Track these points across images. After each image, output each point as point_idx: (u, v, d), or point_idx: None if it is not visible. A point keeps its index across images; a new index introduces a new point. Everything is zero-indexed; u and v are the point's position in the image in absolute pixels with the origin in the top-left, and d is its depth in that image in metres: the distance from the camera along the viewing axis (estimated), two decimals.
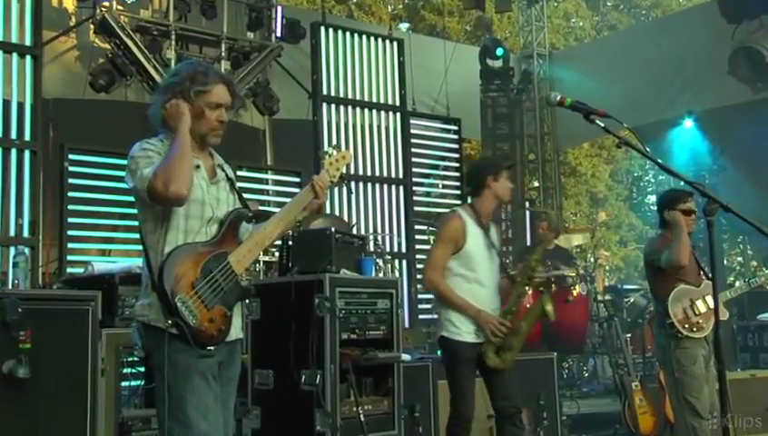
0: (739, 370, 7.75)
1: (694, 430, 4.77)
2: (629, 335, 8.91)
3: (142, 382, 4.84)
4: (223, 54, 10.04)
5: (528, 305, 4.97)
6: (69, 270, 7.55)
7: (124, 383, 4.74)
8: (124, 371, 4.58)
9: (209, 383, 2.94)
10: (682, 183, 3.62)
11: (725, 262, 19.15)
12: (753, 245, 19.91)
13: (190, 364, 2.90)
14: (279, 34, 10.44)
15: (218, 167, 3.19)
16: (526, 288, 4.69)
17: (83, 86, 9.31)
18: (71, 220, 7.99)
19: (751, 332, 8.43)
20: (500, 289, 4.72)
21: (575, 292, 8.82)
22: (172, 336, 2.87)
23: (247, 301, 3.89)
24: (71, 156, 7.98)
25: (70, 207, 7.97)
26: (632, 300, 9.61)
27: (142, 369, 4.78)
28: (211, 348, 2.94)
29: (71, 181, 7.96)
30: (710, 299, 5.09)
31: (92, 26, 9.49)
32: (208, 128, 3.10)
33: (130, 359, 4.65)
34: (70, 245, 7.94)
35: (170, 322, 2.85)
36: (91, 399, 3.91)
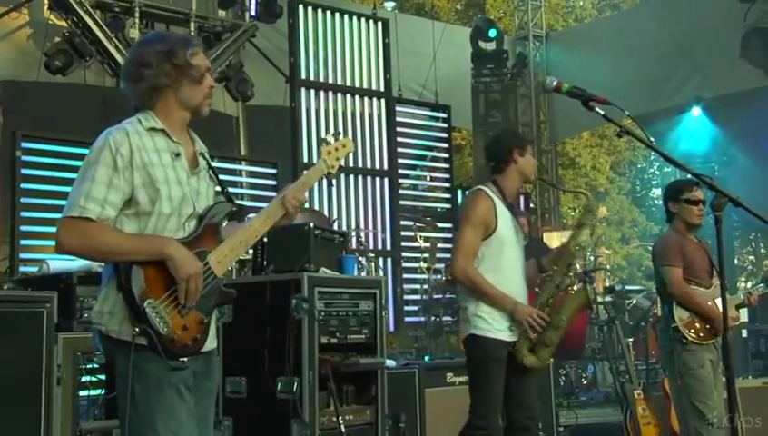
0: (750, 377, 7.80)
1: None
2: (631, 340, 8.97)
3: (103, 392, 4.81)
4: (192, 33, 9.96)
5: (564, 295, 4.75)
6: (22, 269, 7.49)
7: (83, 393, 4.71)
8: (83, 379, 4.55)
9: (182, 397, 2.82)
10: (689, 175, 3.64)
11: (736, 261, 19.32)
12: (766, 243, 20.08)
13: (161, 375, 2.78)
14: (253, 13, 10.40)
15: (199, 155, 3.08)
16: (565, 277, 4.52)
17: (38, 68, 9.22)
18: (24, 214, 7.91)
19: (763, 337, 8.50)
20: (528, 278, 4.60)
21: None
22: (139, 346, 2.74)
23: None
24: (24, 144, 7.89)
25: (23, 200, 7.89)
26: (634, 301, 9.66)
27: (103, 377, 4.76)
28: (185, 359, 2.81)
29: (24, 171, 7.88)
30: (720, 301, 5.14)
31: (46, 1, 9.39)
32: (203, 95, 3.01)
33: (89, 366, 4.62)
34: (23, 242, 7.87)
35: (137, 330, 2.72)
36: (45, 410, 3.88)
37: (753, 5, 10.59)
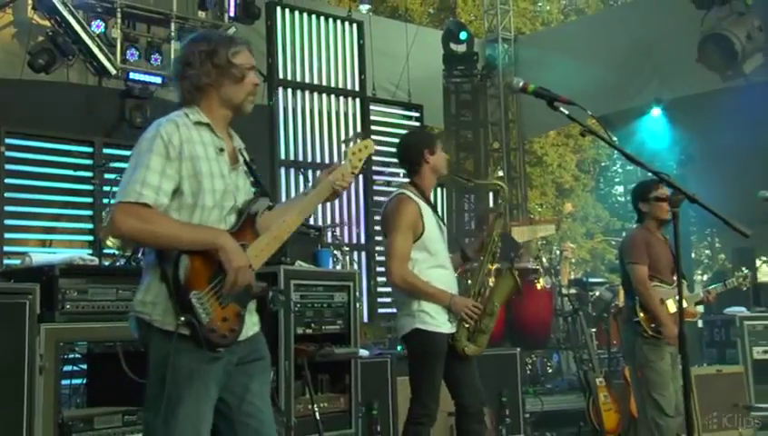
0: (705, 365, 7.88)
1: (659, 427, 4.85)
2: (594, 330, 9.03)
3: (84, 381, 4.78)
4: (173, 33, 9.89)
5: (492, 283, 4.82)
6: (6, 261, 7.41)
7: (65, 381, 4.67)
8: (65, 368, 4.51)
9: (209, 391, 2.81)
10: (649, 173, 3.65)
11: (693, 255, 19.48)
12: (721, 239, 20.29)
13: (193, 368, 2.76)
14: (232, 14, 10.32)
15: (239, 151, 3.09)
16: (491, 266, 4.59)
17: (21, 66, 9.11)
18: (8, 208, 7.84)
19: (717, 327, 8.57)
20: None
21: (539, 286, 8.91)
22: (179, 336, 2.73)
23: None
24: (8, 140, 7.82)
25: (7, 195, 7.81)
26: (597, 293, 9.71)
27: (84, 366, 4.73)
28: (221, 350, 2.80)
29: (8, 166, 7.81)
30: (671, 302, 5.21)
31: (30, 1, 9.28)
32: (245, 93, 3.01)
33: (71, 356, 4.59)
34: (7, 236, 7.79)
35: (182, 319, 2.71)
36: (28, 398, 3.83)
37: (709, 12, 10.68)
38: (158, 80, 9.67)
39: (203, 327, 2.72)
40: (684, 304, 4.94)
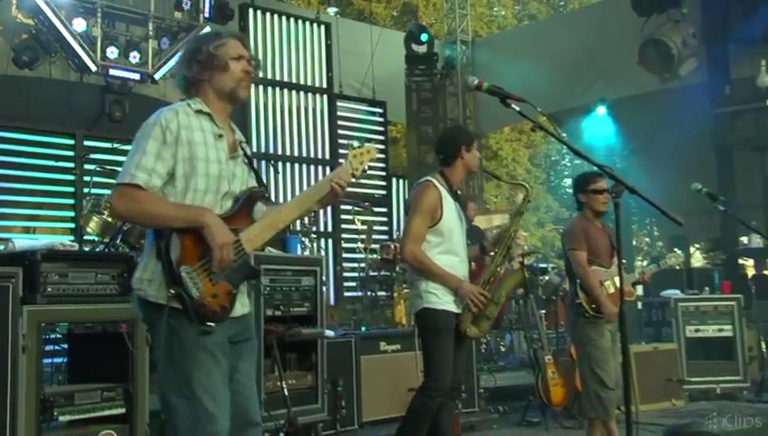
0: (643, 343, 7.99)
1: (600, 399, 4.90)
2: (544, 312, 9.09)
3: (65, 359, 4.72)
4: (150, 32, 9.78)
5: (504, 274, 4.73)
6: None
7: (47, 360, 4.61)
8: (47, 348, 4.45)
9: (217, 360, 2.78)
10: (594, 167, 3.67)
11: (634, 242, 19.72)
12: (659, 227, 20.55)
13: (196, 340, 2.74)
14: (207, 15, 10.22)
15: (239, 143, 3.08)
16: (504, 259, 4.53)
17: (6, 62, 8.97)
18: None
19: (655, 308, 8.69)
20: (469, 259, 4.61)
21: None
22: (175, 310, 2.73)
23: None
24: None
25: None
26: (547, 278, 9.79)
27: (65, 346, 4.67)
28: (212, 324, 2.77)
29: None
30: (617, 280, 5.26)
31: (14, 1, 9.12)
32: (234, 80, 2.98)
33: (52, 336, 4.53)
34: None
35: (172, 291, 2.71)
36: (11, 376, 3.78)
37: (648, 20, 10.82)
38: (136, 76, 9.57)
39: (193, 300, 2.73)
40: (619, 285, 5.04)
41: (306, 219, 8.45)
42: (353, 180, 3.15)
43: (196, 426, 2.71)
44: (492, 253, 4.59)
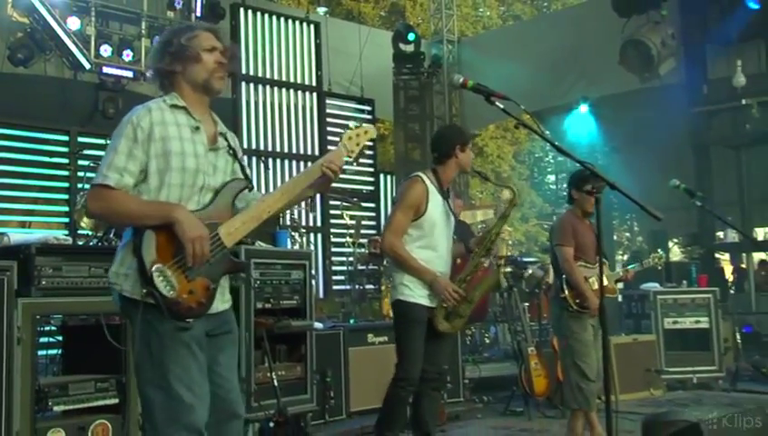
0: (623, 334, 8.03)
1: (582, 391, 4.92)
2: (527, 304, 9.11)
3: (59, 351, 4.70)
4: (143, 31, 9.75)
5: (481, 275, 4.69)
6: None
7: (41, 352, 4.59)
8: (41, 340, 4.42)
9: (193, 353, 2.71)
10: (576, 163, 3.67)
11: (615, 237, 19.79)
12: (639, 222, 20.64)
13: (172, 334, 2.67)
14: (198, 14, 10.21)
15: (220, 135, 2.97)
16: (483, 259, 4.50)
17: (2, 60, 8.93)
18: None
19: (634, 301, 8.74)
20: (453, 256, 4.59)
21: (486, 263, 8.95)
22: (151, 305, 2.64)
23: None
24: None
25: None
26: (530, 271, 9.80)
27: (60, 338, 4.65)
28: (189, 321, 2.69)
29: None
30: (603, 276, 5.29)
31: (9, 0, 9.07)
32: (207, 71, 2.88)
33: (47, 328, 4.50)
34: None
35: (144, 291, 2.63)
36: (7, 367, 3.76)
37: (629, 21, 10.86)
38: (129, 74, 9.55)
39: (166, 299, 2.64)
40: (606, 281, 5.04)
41: (303, 204, 8.43)
42: (351, 160, 3.08)
43: (174, 418, 2.66)
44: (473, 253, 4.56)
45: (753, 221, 11.82)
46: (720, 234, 11.43)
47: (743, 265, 12.80)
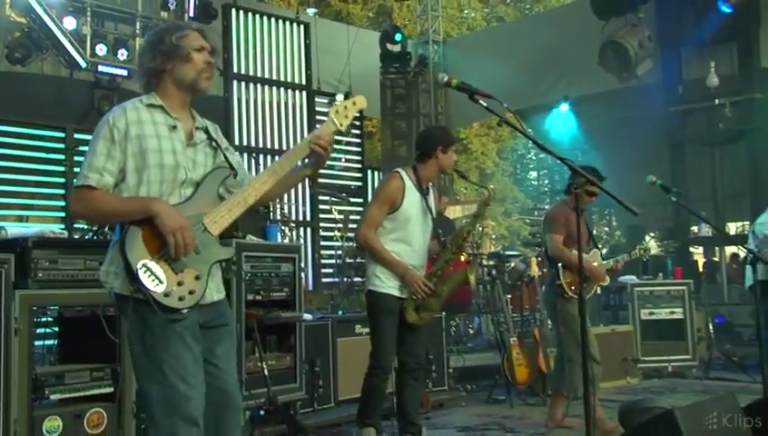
0: (601, 325, 8.07)
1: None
2: (509, 296, 9.13)
3: (56, 341, 4.68)
4: (138, 30, 9.71)
5: (452, 271, 4.71)
6: None
7: (38, 342, 4.57)
8: (38, 330, 4.41)
9: (187, 344, 2.67)
10: (558, 160, 3.69)
11: (594, 231, 19.88)
12: (617, 217, 20.76)
13: (165, 326, 2.64)
14: (191, 14, 10.18)
15: (197, 130, 2.91)
16: (454, 255, 4.51)
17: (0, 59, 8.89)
18: None
19: (612, 293, 8.79)
20: (430, 252, 4.59)
21: (463, 257, 8.96)
22: (143, 300, 2.60)
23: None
24: None
25: None
26: (512, 264, 9.83)
27: (56, 328, 4.63)
28: (183, 311, 2.65)
29: None
30: (596, 264, 5.36)
31: (7, 0, 9.03)
32: (196, 71, 2.83)
33: (43, 319, 4.49)
34: None
35: (132, 288, 2.60)
36: (5, 357, 3.75)
37: (608, 23, 10.90)
38: (124, 72, 9.53)
39: (155, 294, 2.60)
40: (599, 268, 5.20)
41: (285, 207, 8.43)
42: (343, 131, 3.02)
43: (171, 409, 2.63)
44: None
45: (726, 216, 11.88)
46: (694, 229, 11.50)
47: (716, 258, 12.90)
